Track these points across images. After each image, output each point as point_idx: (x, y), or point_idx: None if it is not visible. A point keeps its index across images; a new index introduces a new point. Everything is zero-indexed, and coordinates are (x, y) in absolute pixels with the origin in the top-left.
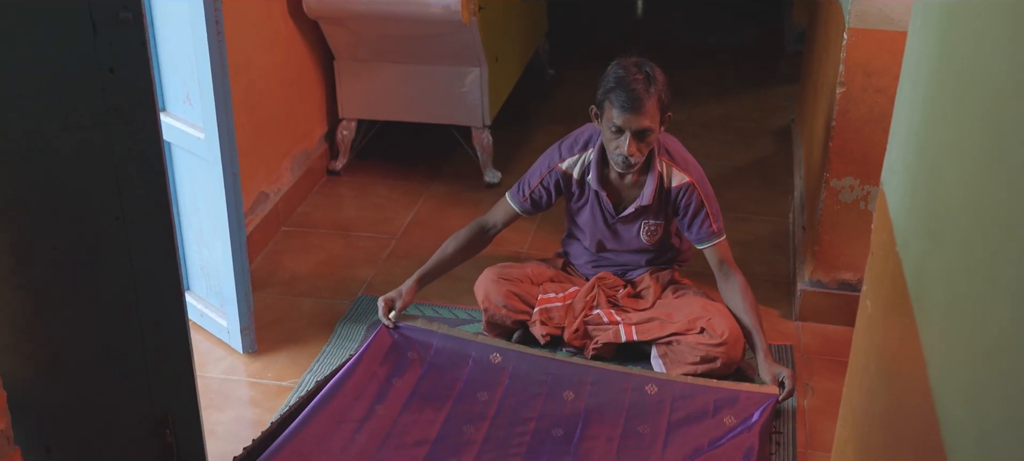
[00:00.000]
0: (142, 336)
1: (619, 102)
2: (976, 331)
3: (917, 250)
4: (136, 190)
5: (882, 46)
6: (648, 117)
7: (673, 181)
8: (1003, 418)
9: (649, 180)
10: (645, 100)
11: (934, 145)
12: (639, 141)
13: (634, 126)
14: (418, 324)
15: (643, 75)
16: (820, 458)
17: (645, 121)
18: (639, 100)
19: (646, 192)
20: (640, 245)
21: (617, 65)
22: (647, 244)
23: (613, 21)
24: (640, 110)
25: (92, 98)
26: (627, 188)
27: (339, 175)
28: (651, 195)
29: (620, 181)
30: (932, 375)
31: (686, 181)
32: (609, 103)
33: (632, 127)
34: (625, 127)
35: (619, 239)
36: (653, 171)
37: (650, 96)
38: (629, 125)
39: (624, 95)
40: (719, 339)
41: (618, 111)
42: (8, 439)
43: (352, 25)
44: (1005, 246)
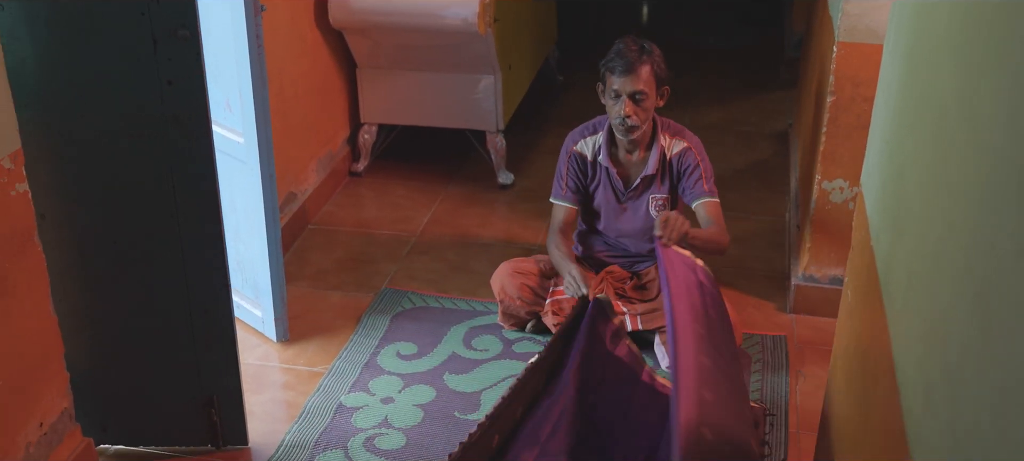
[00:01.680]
0: (191, 323)
1: (617, 69)
2: (925, 306)
3: (886, 242)
4: (189, 190)
5: (869, 59)
6: (642, 81)
7: (674, 150)
8: (941, 376)
9: (653, 153)
10: (638, 65)
11: (899, 153)
12: (636, 104)
13: (629, 88)
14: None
15: (637, 46)
16: (811, 438)
17: (640, 84)
18: (633, 65)
19: (651, 163)
20: (649, 221)
21: (618, 41)
22: (656, 219)
23: (619, 29)
24: (634, 73)
25: (152, 107)
26: (634, 164)
27: (360, 176)
28: (655, 165)
29: (628, 157)
30: (895, 349)
31: (684, 146)
32: (608, 71)
33: (627, 90)
34: (621, 90)
35: (631, 217)
36: (657, 145)
37: (643, 62)
38: (624, 88)
39: (620, 62)
40: None
41: (615, 77)
42: (70, 416)
43: (374, 35)
44: (947, 237)
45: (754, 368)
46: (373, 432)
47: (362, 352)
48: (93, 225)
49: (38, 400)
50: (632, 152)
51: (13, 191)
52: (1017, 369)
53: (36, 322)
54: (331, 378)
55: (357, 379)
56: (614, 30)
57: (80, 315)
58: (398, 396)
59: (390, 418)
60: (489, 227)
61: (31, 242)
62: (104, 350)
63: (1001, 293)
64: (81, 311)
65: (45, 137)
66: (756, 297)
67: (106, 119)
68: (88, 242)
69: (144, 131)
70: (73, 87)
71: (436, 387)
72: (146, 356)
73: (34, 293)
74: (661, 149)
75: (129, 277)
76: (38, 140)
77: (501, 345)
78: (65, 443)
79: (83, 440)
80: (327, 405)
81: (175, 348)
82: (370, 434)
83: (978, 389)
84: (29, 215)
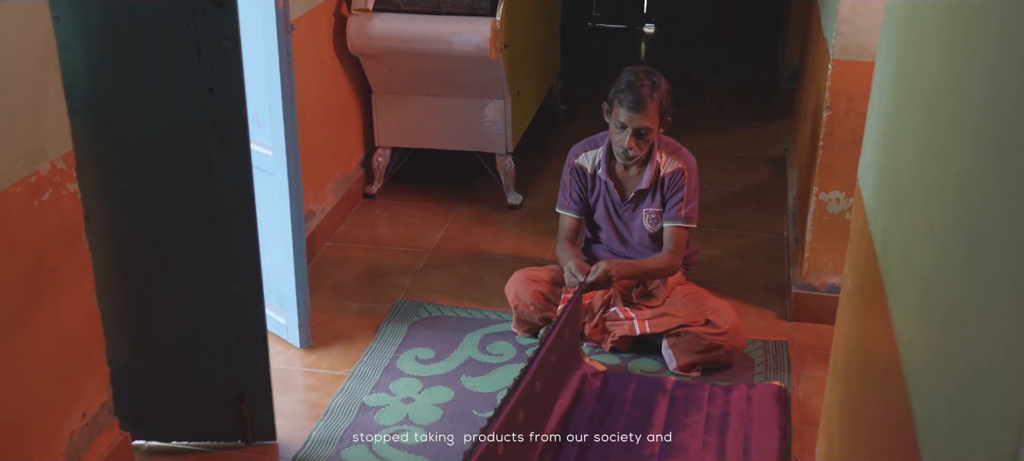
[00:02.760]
0: (225, 322)
1: (626, 102)
2: (921, 270)
3: (883, 222)
4: (226, 192)
5: (862, 76)
6: (649, 118)
7: (668, 168)
8: (939, 323)
9: (648, 169)
10: (648, 103)
11: (893, 140)
12: (639, 138)
13: (636, 124)
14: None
15: (649, 82)
16: (813, 433)
17: (646, 121)
18: (643, 103)
19: (645, 178)
20: (645, 233)
21: (630, 70)
22: (650, 231)
23: (619, 63)
24: (643, 111)
25: (194, 113)
26: (630, 178)
27: (374, 198)
28: (649, 180)
29: (625, 172)
30: (892, 310)
31: (679, 167)
32: (618, 102)
33: (634, 125)
34: (628, 124)
35: (627, 227)
36: (652, 162)
37: (653, 101)
38: (631, 123)
39: (631, 97)
40: (722, 329)
41: (624, 110)
42: (109, 409)
43: (389, 61)
44: (939, 199)
45: (756, 371)
46: (395, 429)
47: (382, 357)
48: (135, 226)
49: (82, 391)
50: (629, 167)
51: (65, 190)
52: (1006, 307)
53: (81, 317)
54: (353, 381)
55: (378, 381)
56: (614, 64)
57: (120, 313)
58: (418, 396)
59: (411, 416)
60: (499, 244)
61: (79, 240)
62: (141, 347)
63: (990, 235)
64: (121, 309)
65: (93, 142)
66: (757, 307)
67: (150, 125)
68: (130, 243)
69: (186, 137)
70: (121, 95)
71: (454, 388)
72: (181, 353)
73: (80, 289)
74: (656, 165)
75: (167, 277)
76: (86, 145)
77: (515, 350)
78: (104, 435)
79: (121, 434)
80: (350, 405)
81: (209, 346)
82: (392, 431)
83: (971, 330)
84: (78, 214)
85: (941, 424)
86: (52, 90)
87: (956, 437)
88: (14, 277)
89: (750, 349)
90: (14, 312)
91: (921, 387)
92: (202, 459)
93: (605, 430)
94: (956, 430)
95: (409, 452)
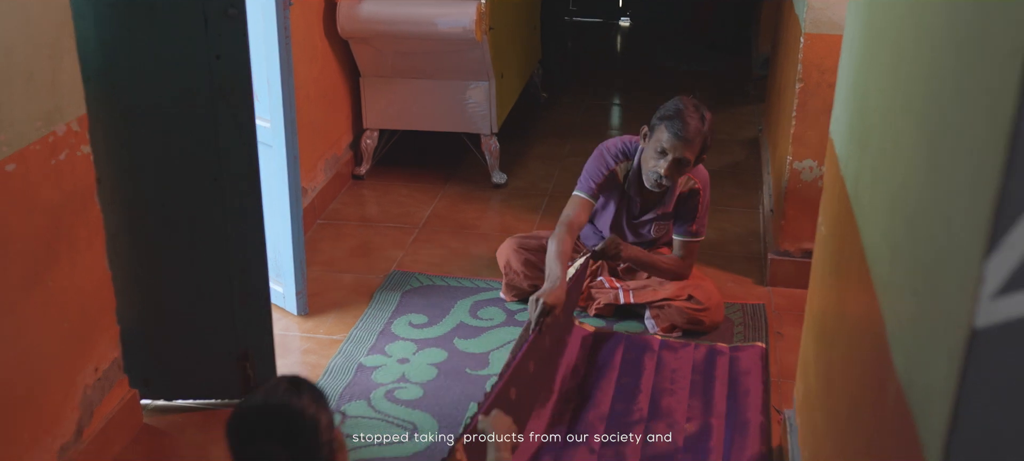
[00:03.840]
0: (230, 281)
1: (673, 129)
2: (888, 189)
3: (853, 160)
4: (231, 156)
5: (832, 48)
6: (691, 150)
7: (685, 186)
8: (905, 229)
9: (671, 192)
10: (695, 136)
11: (862, 85)
12: (676, 168)
13: (678, 154)
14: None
15: (699, 115)
16: (789, 384)
17: (688, 153)
18: (690, 134)
19: (669, 200)
20: (648, 238)
21: (678, 99)
22: (656, 237)
23: (599, 51)
24: (688, 142)
25: (201, 79)
26: (655, 196)
27: (363, 179)
28: (672, 202)
29: (649, 191)
30: (863, 235)
31: (695, 186)
32: (664, 127)
33: (676, 154)
34: (669, 151)
35: (633, 233)
36: (677, 186)
37: (700, 135)
38: (674, 151)
39: (680, 124)
40: (704, 305)
41: (669, 136)
42: (119, 367)
43: (378, 43)
44: (902, 128)
45: (736, 331)
46: (392, 386)
47: (377, 322)
48: (143, 190)
49: (94, 347)
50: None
51: (79, 152)
52: (964, 194)
53: (94, 275)
54: (350, 344)
55: (374, 344)
56: (592, 55)
57: (128, 274)
58: (413, 357)
59: (407, 375)
60: (486, 221)
61: (91, 200)
62: (149, 308)
63: (948, 141)
64: (129, 270)
65: (104, 108)
66: (736, 274)
67: (159, 92)
68: (138, 206)
69: (193, 103)
70: (130, 62)
71: (447, 350)
72: (187, 313)
73: (93, 248)
74: (678, 186)
75: (174, 238)
76: (97, 110)
77: (505, 315)
78: (115, 390)
79: (130, 390)
80: (348, 365)
81: (214, 305)
82: (390, 388)
83: (934, 226)
84: (90, 175)
85: (908, 318)
86: (67, 56)
87: (922, 324)
88: (35, 231)
89: (729, 312)
90: (35, 265)
91: (890, 292)
92: (207, 417)
93: (596, 398)
94: (922, 318)
95: (406, 406)
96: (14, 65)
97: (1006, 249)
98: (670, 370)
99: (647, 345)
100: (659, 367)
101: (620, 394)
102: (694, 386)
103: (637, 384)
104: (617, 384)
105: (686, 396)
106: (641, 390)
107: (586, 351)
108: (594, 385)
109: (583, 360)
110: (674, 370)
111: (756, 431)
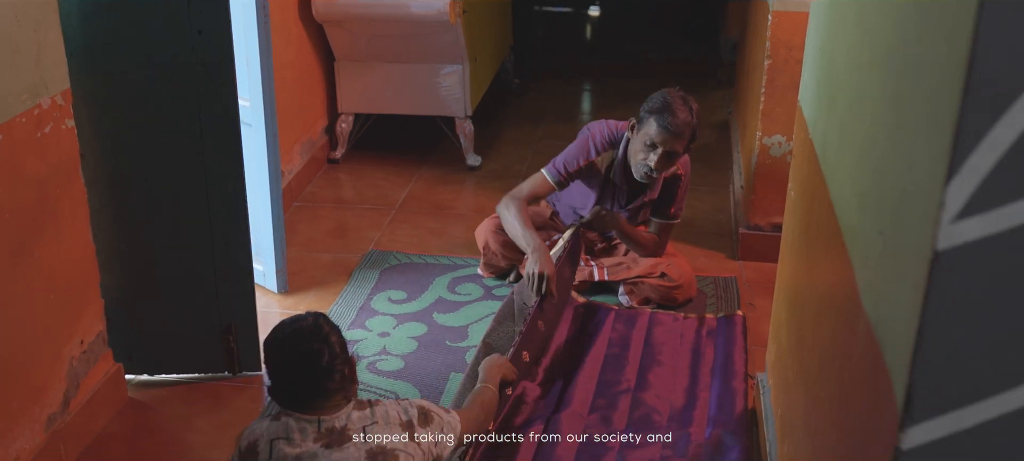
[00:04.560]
0: (213, 255)
1: (662, 123)
2: (855, 142)
3: (822, 123)
4: (214, 131)
5: (799, 25)
6: (680, 143)
7: (669, 173)
8: (871, 177)
9: (657, 181)
10: (684, 129)
11: (829, 49)
12: (666, 161)
13: (668, 147)
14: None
15: (687, 108)
16: (761, 351)
17: (677, 146)
18: (681, 130)
19: (655, 189)
20: (635, 221)
21: (665, 92)
22: (639, 220)
23: (569, 39)
24: (677, 135)
25: (184, 55)
26: (641, 184)
27: (338, 163)
28: (658, 190)
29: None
30: (832, 190)
31: (677, 172)
32: (653, 121)
33: (666, 147)
34: (659, 144)
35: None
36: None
37: (688, 127)
38: (664, 145)
39: (669, 118)
40: (676, 282)
41: (658, 130)
42: (104, 340)
43: (352, 27)
44: (863, 95)
45: (709, 302)
46: (374, 358)
47: (357, 298)
48: (126, 165)
49: (80, 319)
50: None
51: (63, 125)
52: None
53: (79, 248)
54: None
55: (355, 319)
56: (563, 43)
57: (111, 249)
58: (393, 331)
59: (388, 347)
60: (461, 201)
61: (76, 174)
62: (133, 282)
63: (910, 86)
64: (113, 246)
65: (87, 83)
66: (708, 249)
67: (142, 67)
68: (121, 180)
69: (175, 77)
70: (112, 38)
71: (427, 323)
72: (170, 288)
73: (77, 221)
74: (664, 176)
75: (156, 214)
76: (80, 86)
77: (482, 290)
78: (100, 363)
79: (115, 364)
80: None
81: (197, 279)
82: (371, 359)
83: (899, 168)
84: (74, 149)
85: (875, 259)
86: (52, 30)
87: (888, 260)
88: (22, 203)
89: (702, 285)
90: (22, 237)
91: (859, 239)
92: (191, 390)
93: (586, 366)
94: (888, 254)
95: (389, 377)
96: (1, 38)
97: (965, 174)
98: (659, 342)
99: (636, 316)
100: (648, 339)
101: (609, 364)
102: (680, 357)
103: (625, 354)
104: (606, 354)
105: (672, 367)
106: (629, 361)
107: (578, 321)
108: (584, 354)
109: (575, 330)
110: (663, 342)
111: (740, 398)
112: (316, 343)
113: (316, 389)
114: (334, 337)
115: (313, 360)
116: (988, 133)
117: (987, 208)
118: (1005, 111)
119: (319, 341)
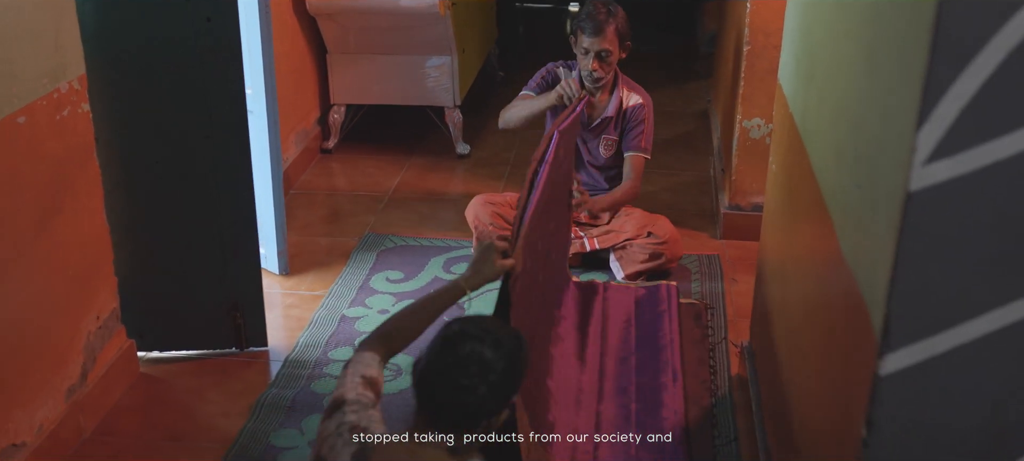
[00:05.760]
0: (220, 234)
1: (587, 29)
2: (830, 110)
3: (801, 95)
4: (222, 114)
5: (777, 12)
6: (608, 41)
7: (630, 102)
8: (848, 133)
9: (613, 98)
10: (606, 27)
11: (807, 25)
12: (601, 61)
13: (597, 48)
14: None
15: (606, 9)
16: (746, 323)
17: (606, 44)
18: (601, 26)
19: (610, 107)
20: (601, 159)
21: (588, 3)
22: (605, 157)
23: (552, 33)
24: (602, 34)
25: (192, 41)
26: (597, 105)
27: (331, 153)
28: (614, 109)
29: (592, 99)
30: (811, 154)
31: (639, 101)
32: (580, 30)
33: (595, 48)
34: (590, 48)
35: (587, 150)
36: (617, 92)
37: (609, 24)
38: (593, 47)
39: (589, 23)
40: (662, 239)
41: (586, 36)
42: (117, 317)
43: (344, 19)
44: (840, 62)
45: (694, 279)
46: None
47: (356, 278)
48: (137, 148)
49: (95, 295)
50: (595, 94)
51: (80, 109)
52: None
53: (94, 227)
54: (331, 298)
55: (355, 297)
56: (544, 38)
57: (123, 230)
58: (392, 308)
59: None
60: (452, 187)
61: (91, 156)
62: (144, 261)
63: (882, 42)
64: (125, 226)
65: (100, 70)
66: (691, 230)
67: (152, 52)
68: (132, 163)
69: (185, 64)
70: (124, 24)
71: None
72: (179, 267)
73: (92, 200)
74: (620, 98)
75: (167, 195)
76: (94, 72)
77: None
78: (115, 339)
79: (128, 340)
80: (331, 316)
81: (205, 257)
82: None
83: (872, 119)
84: (90, 132)
85: (853, 210)
86: (68, 17)
87: (865, 208)
88: (42, 182)
89: (687, 261)
90: (42, 214)
91: (838, 195)
92: (200, 366)
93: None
94: (865, 203)
95: None
96: (22, 23)
97: (935, 120)
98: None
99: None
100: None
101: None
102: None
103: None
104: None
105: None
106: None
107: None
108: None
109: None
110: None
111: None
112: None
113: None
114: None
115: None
116: (954, 83)
117: (955, 151)
118: (969, 63)
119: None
